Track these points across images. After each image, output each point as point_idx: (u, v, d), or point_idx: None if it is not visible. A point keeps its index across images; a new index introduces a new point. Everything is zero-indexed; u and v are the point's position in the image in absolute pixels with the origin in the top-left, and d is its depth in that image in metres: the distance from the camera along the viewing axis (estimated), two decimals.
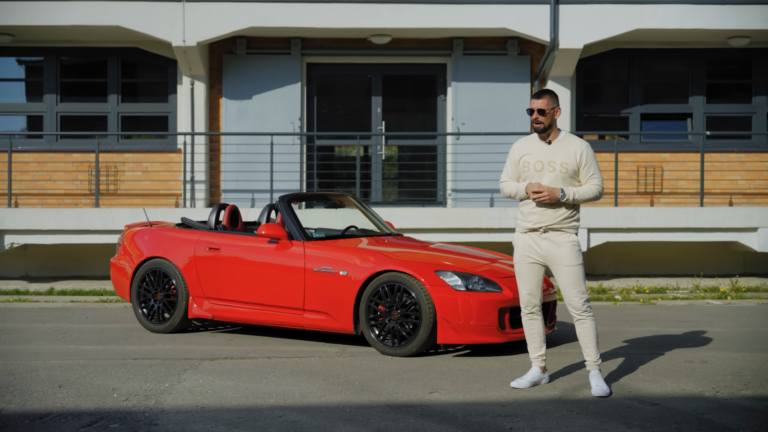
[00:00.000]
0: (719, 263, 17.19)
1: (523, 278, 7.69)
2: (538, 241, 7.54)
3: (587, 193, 7.46)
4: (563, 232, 7.50)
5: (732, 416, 6.76)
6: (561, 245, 7.47)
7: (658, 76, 17.73)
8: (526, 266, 7.65)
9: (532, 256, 7.60)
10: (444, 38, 17.17)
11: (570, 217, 7.50)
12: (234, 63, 17.04)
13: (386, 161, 17.70)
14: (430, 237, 15.38)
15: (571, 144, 7.53)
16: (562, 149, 7.51)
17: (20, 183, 16.74)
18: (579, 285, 7.47)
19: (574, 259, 7.46)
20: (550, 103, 7.50)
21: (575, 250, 7.47)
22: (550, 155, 7.51)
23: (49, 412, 6.78)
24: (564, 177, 7.45)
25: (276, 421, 6.57)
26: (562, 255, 7.47)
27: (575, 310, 7.50)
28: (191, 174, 16.73)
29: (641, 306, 13.10)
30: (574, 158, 7.46)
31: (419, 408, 6.97)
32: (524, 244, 7.62)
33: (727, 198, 17.21)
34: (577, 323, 7.55)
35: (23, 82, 17.76)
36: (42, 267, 16.92)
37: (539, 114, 7.49)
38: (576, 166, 7.46)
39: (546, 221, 7.48)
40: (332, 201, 11.23)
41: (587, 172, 7.49)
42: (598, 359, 7.55)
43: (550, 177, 7.46)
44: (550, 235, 7.50)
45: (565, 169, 7.45)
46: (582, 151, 7.48)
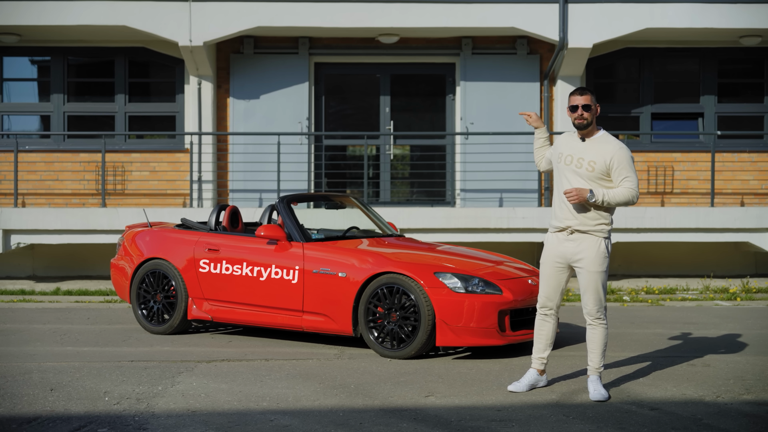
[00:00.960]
0: (730, 264, 17.03)
1: (545, 279, 7.54)
2: (565, 243, 7.39)
3: (619, 195, 7.23)
4: (591, 235, 7.33)
5: (731, 421, 6.64)
6: (587, 249, 7.31)
7: (668, 75, 17.57)
8: (550, 268, 7.50)
9: (558, 260, 7.44)
10: (453, 38, 17.06)
11: (598, 220, 7.32)
12: (241, 63, 16.98)
13: (395, 161, 17.61)
14: (438, 237, 15.29)
15: (605, 144, 7.33)
16: (595, 148, 7.32)
17: (28, 183, 16.73)
18: (598, 292, 7.32)
19: (598, 265, 7.30)
20: (593, 99, 7.37)
21: (601, 257, 7.30)
22: (581, 152, 7.35)
23: (38, 416, 6.71)
24: (590, 176, 7.27)
25: (267, 425, 6.49)
26: (586, 260, 7.32)
27: (589, 315, 7.39)
28: (198, 174, 16.68)
29: (649, 307, 12.96)
30: (604, 159, 7.25)
31: (413, 412, 6.88)
32: (552, 246, 7.49)
33: (738, 198, 17.04)
34: (589, 328, 7.44)
35: (33, 82, 17.73)
36: (49, 267, 16.91)
37: (584, 110, 7.31)
38: (605, 167, 7.25)
39: (572, 220, 7.33)
40: (333, 202, 11.14)
41: (619, 174, 7.26)
42: (601, 367, 7.43)
43: (575, 173, 7.32)
44: (577, 237, 7.35)
45: (591, 168, 7.27)
46: (614, 153, 7.26)
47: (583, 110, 7.32)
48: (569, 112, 7.39)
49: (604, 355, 7.45)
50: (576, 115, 7.34)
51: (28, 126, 17.75)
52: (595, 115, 7.37)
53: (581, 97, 7.35)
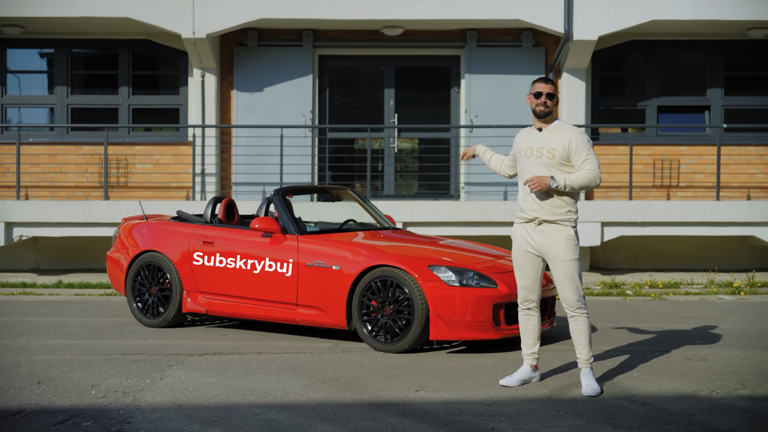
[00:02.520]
0: (736, 258, 16.89)
1: (521, 272, 7.49)
2: (534, 234, 7.35)
3: (581, 178, 7.22)
4: (559, 224, 7.29)
5: (724, 417, 6.54)
6: (556, 239, 7.27)
7: (675, 68, 17.44)
8: (524, 260, 7.46)
9: (529, 250, 7.40)
10: (457, 30, 16.96)
11: (564, 208, 7.29)
12: (245, 55, 16.91)
13: (399, 154, 17.52)
14: (441, 231, 15.22)
15: (561, 131, 7.35)
16: (552, 136, 7.34)
17: (31, 175, 16.71)
18: (574, 281, 7.26)
19: (570, 254, 7.26)
20: (556, 89, 7.40)
21: (571, 245, 7.27)
22: (539, 142, 7.36)
23: (22, 409, 6.66)
24: (551, 163, 7.26)
25: (252, 419, 6.42)
26: (556, 249, 7.27)
27: (569, 306, 7.31)
28: (202, 167, 16.63)
29: (651, 301, 12.85)
30: (563, 144, 7.26)
31: (402, 407, 6.80)
32: (521, 237, 7.44)
33: (745, 192, 16.90)
34: (571, 320, 7.36)
35: (36, 74, 17.72)
36: (52, 259, 16.89)
37: (548, 98, 7.33)
38: (565, 152, 7.26)
39: (540, 211, 7.28)
40: (330, 194, 11.06)
41: (579, 157, 7.27)
42: (591, 357, 7.35)
43: (537, 163, 7.30)
44: (545, 227, 7.30)
45: (551, 155, 7.26)
46: (572, 137, 7.28)
47: (546, 98, 7.34)
48: (532, 98, 7.39)
49: (591, 345, 7.37)
50: (539, 101, 7.35)
51: (32, 118, 17.73)
52: (555, 107, 7.40)
53: (546, 85, 7.38)
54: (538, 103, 7.35)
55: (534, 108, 7.38)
